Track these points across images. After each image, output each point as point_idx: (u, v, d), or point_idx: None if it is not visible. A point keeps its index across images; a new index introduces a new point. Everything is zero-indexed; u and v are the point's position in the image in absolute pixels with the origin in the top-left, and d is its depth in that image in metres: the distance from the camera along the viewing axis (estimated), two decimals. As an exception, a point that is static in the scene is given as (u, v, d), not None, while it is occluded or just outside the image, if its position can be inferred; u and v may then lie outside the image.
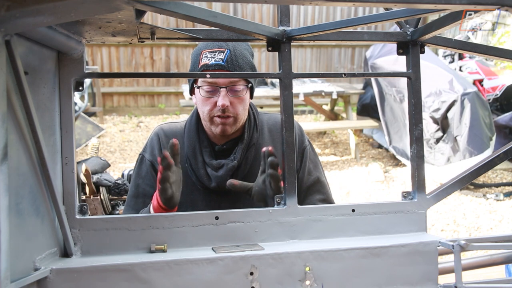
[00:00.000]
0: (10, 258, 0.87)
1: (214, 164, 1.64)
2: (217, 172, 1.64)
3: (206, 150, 1.67)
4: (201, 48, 1.63)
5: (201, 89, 1.61)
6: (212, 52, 1.60)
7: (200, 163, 1.66)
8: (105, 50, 8.68)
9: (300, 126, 1.82)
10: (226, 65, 1.58)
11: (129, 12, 0.95)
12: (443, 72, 5.37)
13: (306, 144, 1.80)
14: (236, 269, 1.23)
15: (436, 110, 5.19)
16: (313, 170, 1.79)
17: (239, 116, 1.63)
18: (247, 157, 1.69)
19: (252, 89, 1.69)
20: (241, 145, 1.68)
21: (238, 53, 1.61)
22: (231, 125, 1.63)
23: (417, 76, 1.46)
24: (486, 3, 0.95)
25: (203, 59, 1.61)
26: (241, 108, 1.63)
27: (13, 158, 0.99)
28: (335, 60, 9.72)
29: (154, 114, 8.82)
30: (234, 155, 1.66)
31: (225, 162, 1.64)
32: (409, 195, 1.47)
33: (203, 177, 1.65)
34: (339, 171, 6.05)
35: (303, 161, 1.77)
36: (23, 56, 1.02)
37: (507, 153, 1.47)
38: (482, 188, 5.38)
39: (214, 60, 1.58)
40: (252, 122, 1.74)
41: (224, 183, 1.62)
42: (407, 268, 1.33)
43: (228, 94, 1.59)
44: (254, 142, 1.71)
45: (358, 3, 0.96)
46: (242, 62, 1.61)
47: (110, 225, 1.27)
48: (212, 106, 1.60)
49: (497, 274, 2.03)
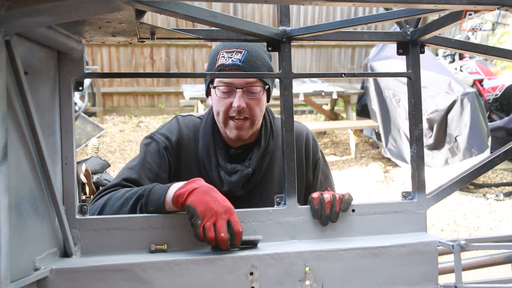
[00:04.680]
0: (10, 258, 0.87)
1: (228, 168, 1.61)
2: (231, 177, 1.60)
3: (221, 152, 1.63)
4: (219, 48, 1.61)
5: (217, 89, 1.58)
6: (229, 52, 1.57)
7: (214, 164, 1.62)
8: (105, 50, 8.67)
9: (314, 136, 1.80)
10: (243, 65, 1.55)
11: (129, 12, 0.95)
12: (440, 77, 5.38)
13: (319, 156, 1.78)
14: (236, 269, 1.23)
15: (434, 112, 5.19)
16: (324, 182, 1.79)
17: (256, 119, 1.60)
18: (262, 165, 1.66)
19: (269, 92, 1.65)
20: (257, 153, 1.64)
21: (255, 54, 1.58)
22: (247, 129, 1.59)
23: (417, 76, 1.46)
24: (486, 3, 0.95)
25: (220, 59, 1.58)
26: (258, 110, 1.59)
27: (13, 158, 0.99)
28: (335, 60, 9.71)
29: (154, 114, 8.81)
30: (249, 162, 1.63)
31: (239, 168, 1.61)
32: (409, 195, 1.47)
33: (215, 180, 1.61)
34: (339, 171, 6.04)
35: (315, 173, 1.77)
36: (23, 56, 1.02)
37: (507, 153, 1.47)
38: (482, 188, 5.37)
39: (231, 60, 1.55)
40: (269, 129, 1.70)
41: (236, 188, 1.60)
42: (407, 268, 1.33)
43: (244, 96, 1.56)
44: (269, 150, 1.68)
45: (358, 3, 0.96)
46: (259, 63, 1.58)
47: (110, 225, 1.27)
48: (228, 107, 1.57)
49: (497, 274, 2.03)
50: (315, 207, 1.38)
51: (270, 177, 1.69)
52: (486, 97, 6.31)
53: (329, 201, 1.38)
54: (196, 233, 1.24)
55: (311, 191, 1.76)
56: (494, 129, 5.62)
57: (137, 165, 1.57)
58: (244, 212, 1.34)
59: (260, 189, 1.67)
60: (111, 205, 1.41)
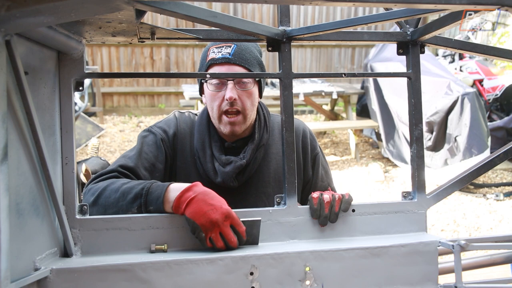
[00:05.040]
0: (10, 258, 0.87)
1: (222, 159, 1.63)
2: (225, 168, 1.62)
3: (215, 144, 1.66)
4: (209, 46, 1.65)
5: (209, 84, 1.61)
6: (219, 47, 1.61)
7: (209, 156, 1.64)
8: (105, 50, 8.67)
9: (311, 131, 1.81)
10: (233, 58, 1.58)
11: (129, 12, 0.96)
12: (439, 80, 5.38)
13: (318, 150, 1.80)
14: (236, 269, 1.23)
15: (434, 114, 5.19)
16: (325, 176, 1.81)
17: (247, 112, 1.62)
18: (256, 157, 1.68)
19: (260, 86, 1.68)
20: (251, 145, 1.67)
21: (245, 48, 1.61)
22: (240, 124, 1.62)
23: (417, 76, 1.46)
24: (486, 3, 0.95)
25: (210, 54, 1.62)
26: (249, 103, 1.62)
27: (13, 158, 0.99)
28: (335, 60, 9.71)
29: (154, 114, 8.81)
30: (244, 154, 1.65)
31: (233, 159, 1.63)
32: (409, 195, 1.47)
33: (209, 171, 1.63)
34: (339, 171, 6.04)
35: (315, 167, 1.78)
36: (23, 56, 1.02)
37: (507, 153, 1.47)
38: (482, 188, 5.37)
39: (221, 54, 1.59)
40: (262, 123, 1.73)
41: (230, 179, 1.62)
42: (407, 268, 1.33)
43: (236, 87, 1.59)
44: (263, 142, 1.70)
45: (358, 3, 0.96)
46: (249, 56, 1.61)
47: (110, 225, 1.27)
48: (221, 101, 1.60)
49: (497, 274, 2.03)
50: (314, 207, 1.38)
51: (266, 170, 1.70)
52: (486, 97, 6.31)
53: (329, 201, 1.38)
54: (205, 246, 1.28)
55: (312, 186, 1.77)
56: (494, 129, 5.62)
57: (134, 155, 1.59)
58: (244, 212, 1.34)
59: (255, 182, 1.68)
60: (107, 196, 1.41)
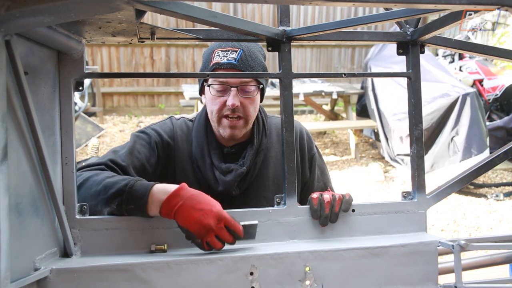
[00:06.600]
0: (10, 258, 0.87)
1: (223, 168, 1.60)
2: (225, 176, 1.59)
3: (214, 152, 1.63)
4: (214, 47, 1.61)
5: (211, 88, 1.58)
6: (224, 51, 1.57)
7: (208, 165, 1.61)
8: (105, 50, 8.67)
9: (308, 131, 1.79)
10: (239, 64, 1.55)
11: (129, 12, 0.95)
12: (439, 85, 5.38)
13: (314, 151, 1.78)
14: (236, 269, 1.23)
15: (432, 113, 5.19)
16: (321, 176, 1.79)
17: (249, 118, 1.60)
18: (256, 162, 1.66)
19: (263, 91, 1.66)
20: (250, 151, 1.64)
21: (250, 54, 1.58)
22: (240, 128, 1.60)
23: (417, 76, 1.46)
24: (486, 3, 0.95)
25: (215, 57, 1.58)
26: (252, 109, 1.60)
27: (13, 158, 0.99)
28: (335, 60, 9.71)
29: (154, 114, 8.81)
30: (243, 161, 1.63)
31: (234, 168, 1.60)
32: (409, 195, 1.47)
33: (210, 180, 1.61)
34: (339, 171, 6.04)
35: (312, 168, 1.77)
36: (23, 56, 1.02)
37: (507, 153, 1.47)
38: (482, 188, 5.37)
39: (226, 59, 1.56)
40: (261, 127, 1.70)
41: (231, 188, 1.59)
42: (407, 268, 1.33)
43: (239, 94, 1.56)
44: (263, 147, 1.68)
45: (358, 3, 0.96)
46: (254, 62, 1.58)
47: (110, 225, 1.27)
48: (222, 105, 1.57)
49: (497, 274, 2.03)
50: (314, 207, 1.38)
51: (265, 174, 1.68)
52: (486, 97, 6.31)
53: (329, 201, 1.38)
54: (203, 249, 1.26)
55: (309, 187, 1.76)
56: (494, 129, 5.62)
57: (125, 152, 1.55)
58: (244, 212, 1.34)
59: (255, 188, 1.67)
60: (88, 187, 1.35)
